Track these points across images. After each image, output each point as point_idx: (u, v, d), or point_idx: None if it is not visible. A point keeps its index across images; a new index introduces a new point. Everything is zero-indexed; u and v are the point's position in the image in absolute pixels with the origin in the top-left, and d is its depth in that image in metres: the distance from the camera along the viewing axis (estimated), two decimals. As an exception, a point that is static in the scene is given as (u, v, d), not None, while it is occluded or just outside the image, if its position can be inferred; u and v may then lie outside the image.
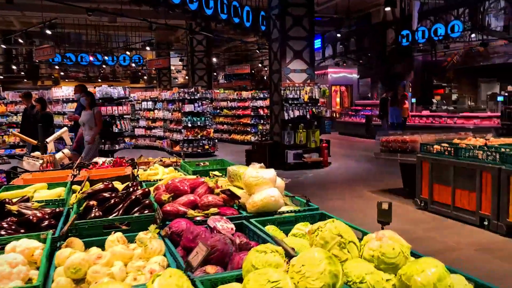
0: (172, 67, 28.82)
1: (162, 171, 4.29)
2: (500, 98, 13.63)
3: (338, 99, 23.04)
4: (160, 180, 3.80)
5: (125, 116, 10.73)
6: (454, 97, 22.03)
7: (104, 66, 23.23)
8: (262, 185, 2.72)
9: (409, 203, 6.84)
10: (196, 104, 13.16)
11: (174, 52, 28.19)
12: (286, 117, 10.34)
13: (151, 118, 15.79)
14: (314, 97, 10.57)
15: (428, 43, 18.19)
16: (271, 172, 2.81)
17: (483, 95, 20.75)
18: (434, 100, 19.97)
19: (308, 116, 10.52)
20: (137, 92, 17.11)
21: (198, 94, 13.30)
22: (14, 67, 29.48)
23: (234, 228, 2.37)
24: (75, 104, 10.63)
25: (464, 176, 5.77)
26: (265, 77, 26.77)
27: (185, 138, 13.18)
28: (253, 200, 2.66)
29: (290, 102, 10.39)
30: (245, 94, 17.10)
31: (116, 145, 10.57)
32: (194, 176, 3.44)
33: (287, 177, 3.05)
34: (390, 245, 1.69)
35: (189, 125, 13.14)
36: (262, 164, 2.85)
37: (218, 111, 18.18)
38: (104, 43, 25.07)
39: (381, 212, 2.18)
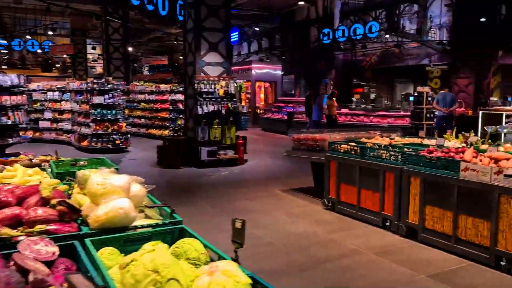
0: (90, 56, 27.06)
1: (22, 172, 3.62)
2: (411, 98, 14.16)
3: (262, 95, 22.92)
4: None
5: (19, 107, 9.54)
6: (372, 96, 22.85)
7: (6, 51, 21.11)
8: (111, 195, 2.21)
9: (318, 203, 6.66)
10: (106, 96, 12.19)
11: (92, 40, 26.45)
12: (200, 112, 9.82)
13: (58, 109, 14.49)
14: (230, 92, 10.16)
15: (348, 42, 18.61)
16: (123, 178, 2.31)
17: (398, 95, 21.71)
18: (353, 99, 20.51)
19: (223, 112, 10.09)
20: (43, 81, 15.63)
21: (109, 85, 12.34)
22: None
23: (57, 253, 1.85)
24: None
25: (369, 176, 5.66)
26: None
27: (94, 132, 12.17)
28: (95, 214, 2.14)
29: (204, 96, 9.89)
30: (163, 87, 16.30)
31: (9, 139, 9.40)
32: (38, 182, 2.84)
33: (200, 174, 2.58)
34: (221, 283, 1.28)
35: (99, 118, 12.16)
36: (113, 168, 2.34)
37: (136, 104, 17.19)
38: (10, 27, 22.83)
39: (235, 231, 1.77)
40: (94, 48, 22.64)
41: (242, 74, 22.13)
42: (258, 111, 21.55)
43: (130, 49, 18.13)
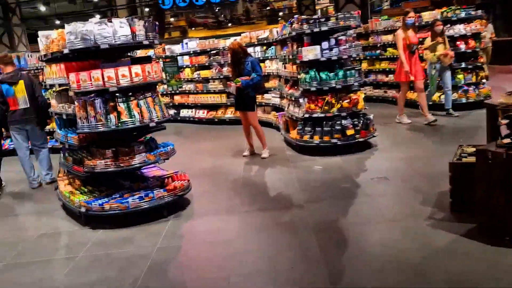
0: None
1: None
2: None
3: None
4: None
5: (145, 93, 4.56)
6: None
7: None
8: None
9: None
10: (324, 44, 6.29)
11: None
12: None
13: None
14: None
15: None
16: None
17: None
18: None
19: None
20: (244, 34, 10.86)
21: (330, 23, 6.37)
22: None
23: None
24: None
25: None
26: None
27: (305, 114, 6.56)
28: None
29: None
30: (427, 16, 9.28)
31: (131, 154, 4.66)
32: None
33: None
34: None
35: (313, 88, 6.45)
36: None
37: (379, 51, 10.85)
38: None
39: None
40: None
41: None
42: None
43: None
